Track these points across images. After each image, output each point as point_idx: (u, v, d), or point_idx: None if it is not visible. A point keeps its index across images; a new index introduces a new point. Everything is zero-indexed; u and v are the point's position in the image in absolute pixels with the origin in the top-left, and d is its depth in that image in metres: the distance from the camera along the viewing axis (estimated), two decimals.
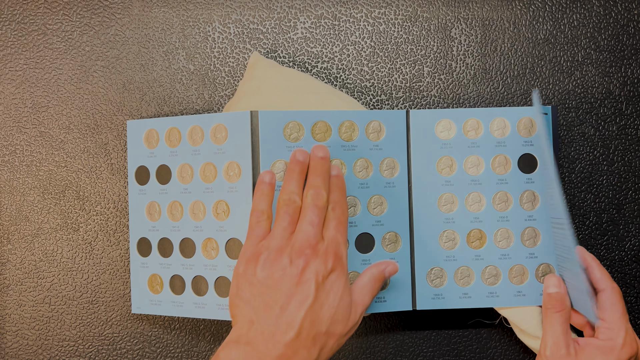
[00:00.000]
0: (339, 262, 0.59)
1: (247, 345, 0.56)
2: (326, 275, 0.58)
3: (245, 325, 0.57)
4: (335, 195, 0.62)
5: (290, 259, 0.58)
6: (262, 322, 0.56)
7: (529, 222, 0.70)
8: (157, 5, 0.77)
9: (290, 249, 0.58)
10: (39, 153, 0.76)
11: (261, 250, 0.59)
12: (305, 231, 0.59)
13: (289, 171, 0.63)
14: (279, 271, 0.58)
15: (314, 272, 0.57)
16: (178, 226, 0.71)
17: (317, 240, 0.59)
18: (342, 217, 0.61)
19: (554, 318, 0.65)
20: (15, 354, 0.76)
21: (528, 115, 0.70)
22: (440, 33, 0.76)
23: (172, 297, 0.71)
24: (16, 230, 0.76)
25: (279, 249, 0.59)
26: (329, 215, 0.61)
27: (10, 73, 0.77)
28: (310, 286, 0.57)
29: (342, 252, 0.60)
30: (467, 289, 0.70)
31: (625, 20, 0.76)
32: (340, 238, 0.60)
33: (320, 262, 0.58)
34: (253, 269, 0.59)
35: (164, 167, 0.71)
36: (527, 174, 0.70)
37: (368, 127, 0.69)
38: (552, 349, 0.64)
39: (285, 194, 0.61)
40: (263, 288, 0.58)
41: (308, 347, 0.56)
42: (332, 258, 0.58)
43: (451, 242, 0.70)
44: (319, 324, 0.57)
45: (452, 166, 0.70)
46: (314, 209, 0.60)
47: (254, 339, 0.56)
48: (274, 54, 0.76)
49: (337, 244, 0.60)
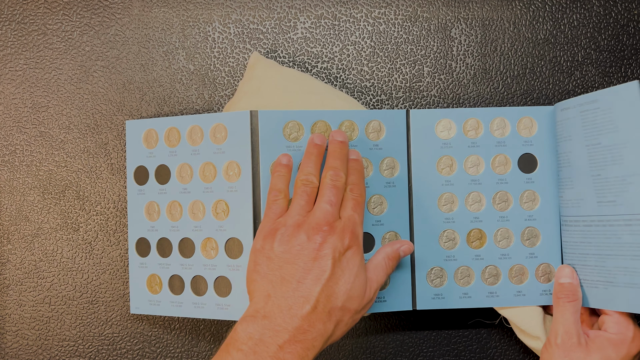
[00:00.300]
0: (356, 240, 0.60)
1: (264, 318, 0.56)
2: (343, 252, 0.59)
3: (262, 299, 0.58)
4: (354, 177, 0.64)
5: (308, 235, 0.59)
6: (279, 295, 0.57)
7: (528, 222, 0.70)
8: (157, 5, 0.77)
9: (308, 226, 0.59)
10: (39, 153, 0.76)
11: (278, 227, 0.60)
12: (323, 209, 0.61)
13: (306, 154, 0.65)
14: (296, 246, 0.59)
15: (331, 248, 0.58)
16: (177, 226, 0.71)
17: (334, 218, 0.60)
18: (359, 198, 0.63)
19: (565, 307, 0.65)
20: (15, 354, 0.76)
21: (528, 115, 0.70)
22: (440, 33, 0.76)
23: (171, 297, 0.71)
24: (16, 230, 0.76)
25: (296, 225, 0.60)
26: (347, 196, 0.63)
27: (10, 73, 0.77)
28: (327, 262, 0.58)
29: (359, 231, 0.61)
30: (467, 288, 0.70)
31: (625, 20, 0.76)
32: (357, 218, 0.62)
33: (337, 238, 0.59)
34: (270, 244, 0.60)
35: (163, 167, 0.71)
36: (527, 173, 0.70)
37: (368, 126, 0.69)
38: (563, 337, 0.64)
39: (303, 175, 0.63)
40: (281, 262, 0.59)
41: (324, 321, 0.57)
42: (348, 235, 0.59)
43: (451, 242, 0.70)
44: (335, 298, 0.58)
45: (452, 166, 0.70)
46: (332, 189, 0.62)
47: (271, 312, 0.57)
48: (274, 54, 0.76)
49: (354, 223, 0.61)
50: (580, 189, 0.67)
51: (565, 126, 0.68)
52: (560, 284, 0.67)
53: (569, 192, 0.69)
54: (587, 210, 0.67)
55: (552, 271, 0.70)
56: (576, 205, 0.68)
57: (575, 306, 0.65)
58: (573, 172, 0.68)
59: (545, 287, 0.70)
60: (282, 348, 0.55)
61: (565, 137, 0.68)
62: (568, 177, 0.68)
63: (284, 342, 0.55)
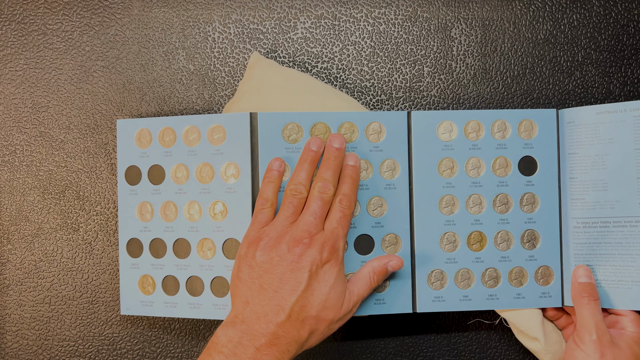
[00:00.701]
0: (335, 254, 0.62)
1: (242, 323, 0.60)
2: (320, 265, 0.61)
3: (242, 305, 0.61)
4: (346, 187, 0.65)
5: (288, 246, 0.61)
6: (256, 302, 0.60)
7: (528, 224, 0.70)
8: (157, 5, 0.77)
9: (289, 237, 0.62)
10: (39, 153, 0.76)
11: (262, 236, 0.62)
12: (306, 221, 0.62)
13: (300, 160, 0.66)
14: (276, 257, 0.61)
15: (310, 261, 0.60)
16: (172, 227, 0.70)
17: (317, 230, 0.62)
18: (346, 211, 0.64)
19: (591, 305, 0.66)
20: (15, 354, 0.76)
21: (529, 118, 0.70)
22: (440, 33, 0.76)
23: (165, 297, 0.71)
24: (16, 230, 0.76)
25: (278, 236, 0.62)
26: (335, 207, 0.64)
27: (10, 73, 0.77)
28: (304, 274, 0.60)
29: (339, 244, 0.63)
30: (467, 291, 0.70)
31: (625, 20, 0.76)
32: (341, 231, 0.63)
33: (316, 251, 0.61)
34: (253, 253, 0.62)
35: (157, 167, 0.71)
36: (527, 176, 0.70)
37: (368, 128, 0.69)
38: (597, 333, 0.64)
39: (292, 184, 0.64)
40: (260, 271, 0.61)
41: (298, 328, 0.60)
42: (328, 249, 0.61)
43: (452, 244, 0.70)
44: (309, 308, 0.60)
45: (453, 168, 0.70)
46: (318, 202, 0.63)
47: (248, 318, 0.60)
48: (274, 54, 0.76)
49: (336, 237, 0.62)
50: (618, 191, 0.68)
51: (607, 129, 0.68)
52: (582, 283, 0.67)
53: (598, 194, 0.69)
54: (625, 211, 0.67)
55: (551, 274, 0.70)
56: (609, 207, 0.68)
57: (599, 305, 0.66)
58: (609, 175, 0.68)
59: (545, 289, 0.70)
60: (259, 350, 0.58)
61: (605, 139, 0.69)
62: (600, 180, 0.69)
63: (261, 345, 0.58)
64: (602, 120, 0.69)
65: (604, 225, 0.68)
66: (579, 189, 0.70)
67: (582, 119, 0.69)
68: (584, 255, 0.69)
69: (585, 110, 0.69)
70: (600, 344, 0.63)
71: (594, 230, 0.69)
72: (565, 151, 0.70)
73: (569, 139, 0.70)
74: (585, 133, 0.69)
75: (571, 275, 0.69)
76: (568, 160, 0.70)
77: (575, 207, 0.70)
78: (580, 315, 0.66)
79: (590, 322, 0.65)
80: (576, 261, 0.69)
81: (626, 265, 0.68)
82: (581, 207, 0.69)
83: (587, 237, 0.69)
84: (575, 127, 0.70)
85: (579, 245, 0.69)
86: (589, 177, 0.69)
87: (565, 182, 0.70)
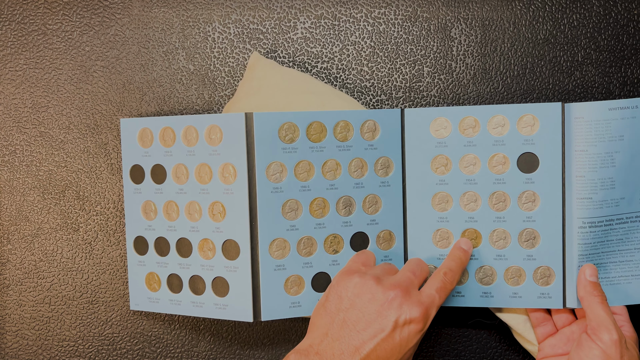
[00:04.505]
0: (424, 318, 0.60)
1: (316, 355, 0.59)
2: (407, 321, 0.59)
3: (320, 336, 0.60)
4: (453, 264, 0.66)
5: (384, 288, 0.60)
6: (335, 337, 0.59)
7: (527, 223, 0.68)
8: (157, 5, 0.77)
9: (387, 281, 0.61)
10: (39, 153, 0.76)
11: (361, 269, 0.63)
12: (405, 275, 0.63)
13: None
14: (367, 294, 0.60)
15: (398, 310, 0.59)
16: (174, 226, 0.71)
17: (412, 287, 0.61)
18: (448, 285, 0.64)
19: (605, 305, 0.64)
20: (15, 354, 0.76)
21: (530, 113, 0.67)
22: (440, 33, 0.76)
23: (170, 295, 0.71)
24: (16, 230, 0.76)
25: (377, 277, 0.62)
26: (437, 277, 0.64)
27: (10, 73, 0.77)
28: (389, 321, 0.59)
29: (432, 313, 0.61)
30: (461, 287, 0.70)
31: (625, 20, 0.76)
32: (438, 299, 0.62)
33: (407, 305, 0.60)
34: (346, 283, 0.62)
35: (159, 166, 0.71)
36: (527, 173, 0.68)
37: (363, 126, 0.69)
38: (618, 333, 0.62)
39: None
40: (348, 304, 0.60)
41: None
42: (420, 310, 0.60)
43: (445, 240, 0.70)
44: (383, 359, 0.59)
45: (447, 165, 0.69)
46: (424, 270, 0.65)
47: (324, 351, 0.59)
48: (274, 54, 0.76)
49: (432, 302, 0.61)
50: (624, 188, 0.66)
51: (618, 125, 0.66)
52: (593, 282, 0.65)
53: (605, 192, 0.66)
54: (628, 208, 0.67)
55: (552, 274, 0.68)
56: (614, 205, 0.66)
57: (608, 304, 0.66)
58: (617, 173, 0.66)
59: (544, 290, 0.68)
60: None
61: (616, 136, 0.66)
62: (609, 178, 0.66)
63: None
64: (615, 116, 0.65)
65: (608, 224, 0.67)
66: (587, 188, 0.66)
67: (593, 114, 0.66)
68: (588, 256, 0.67)
69: (597, 106, 0.66)
70: (621, 345, 0.62)
71: (598, 229, 0.67)
72: (571, 148, 0.67)
73: (576, 135, 0.67)
74: (595, 129, 0.66)
75: (578, 274, 0.67)
76: (575, 158, 0.67)
77: (581, 207, 0.67)
78: (595, 315, 0.63)
79: (608, 321, 0.63)
80: (580, 262, 0.67)
81: (626, 260, 0.67)
82: (588, 207, 0.66)
83: (592, 237, 0.67)
84: (584, 122, 0.66)
85: (584, 246, 0.67)
86: (597, 175, 0.66)
87: (571, 181, 0.67)
